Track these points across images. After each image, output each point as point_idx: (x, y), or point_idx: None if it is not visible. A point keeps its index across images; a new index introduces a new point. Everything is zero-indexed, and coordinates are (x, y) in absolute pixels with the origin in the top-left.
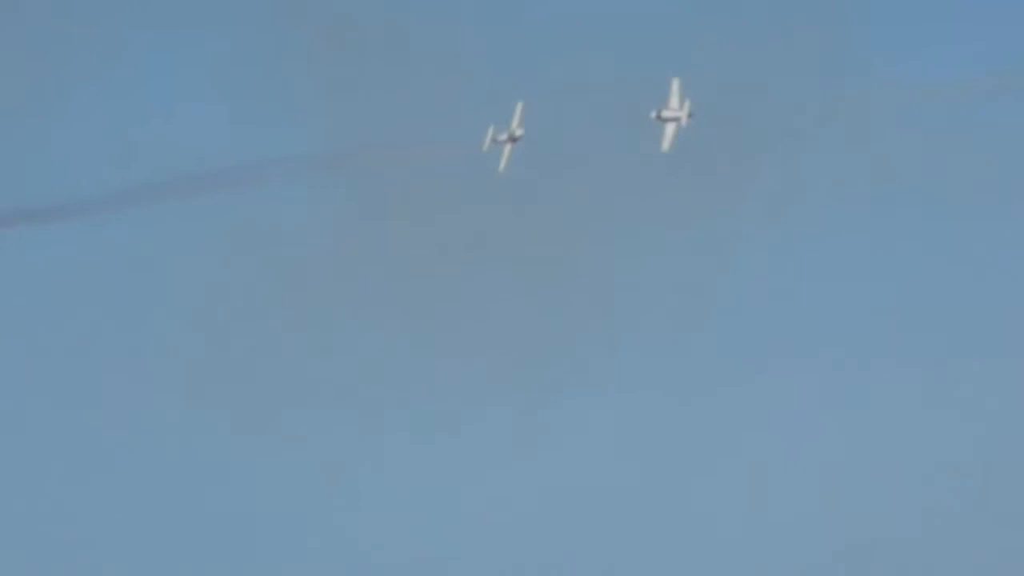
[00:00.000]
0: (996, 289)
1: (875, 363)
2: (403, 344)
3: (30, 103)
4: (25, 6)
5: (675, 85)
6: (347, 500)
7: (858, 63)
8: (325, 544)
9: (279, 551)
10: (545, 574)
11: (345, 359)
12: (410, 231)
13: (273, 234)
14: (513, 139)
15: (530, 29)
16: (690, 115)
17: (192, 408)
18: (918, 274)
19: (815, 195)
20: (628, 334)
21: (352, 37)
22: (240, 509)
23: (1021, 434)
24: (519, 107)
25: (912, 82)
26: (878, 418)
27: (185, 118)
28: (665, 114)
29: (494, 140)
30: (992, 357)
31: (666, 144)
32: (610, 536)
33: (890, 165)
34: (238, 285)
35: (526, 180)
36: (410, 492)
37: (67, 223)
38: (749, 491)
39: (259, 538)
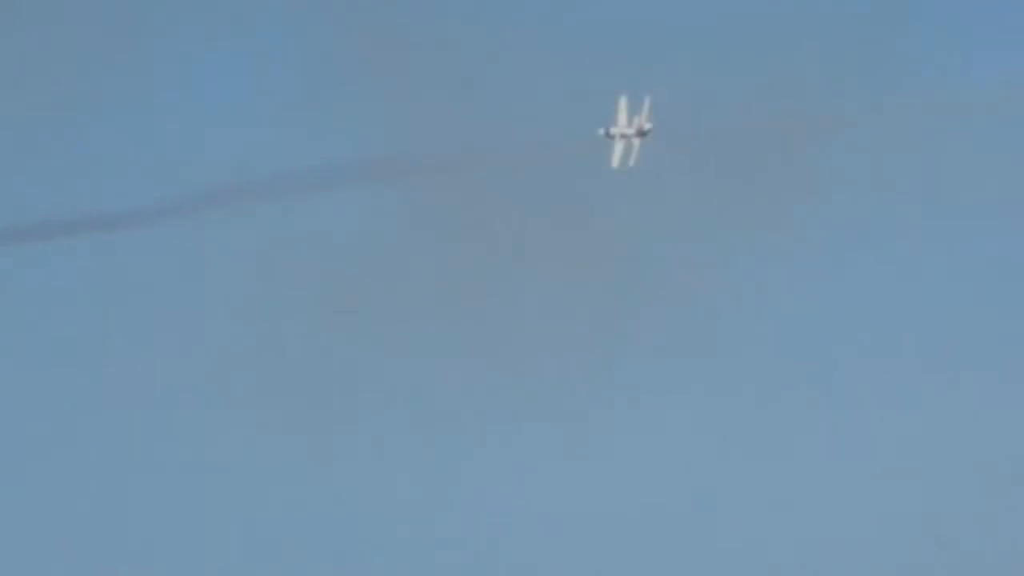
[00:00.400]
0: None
1: (913, 368)
2: (444, 352)
3: (80, 111)
4: (75, 14)
5: (623, 103)
6: (387, 509)
7: (868, 71)
8: (365, 555)
9: (317, 559)
10: None
11: (389, 367)
12: (456, 236)
13: (326, 241)
14: (642, 133)
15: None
16: (644, 133)
17: (233, 412)
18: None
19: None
20: (668, 341)
21: (398, 48)
22: (281, 517)
23: None
24: (647, 101)
25: (906, 94)
26: (913, 422)
27: (235, 125)
28: (613, 131)
29: (622, 135)
30: (991, 356)
31: (616, 161)
32: (649, 544)
33: (924, 168)
34: (292, 294)
35: (575, 187)
36: (450, 500)
37: (111, 233)
38: (789, 496)
39: (296, 547)
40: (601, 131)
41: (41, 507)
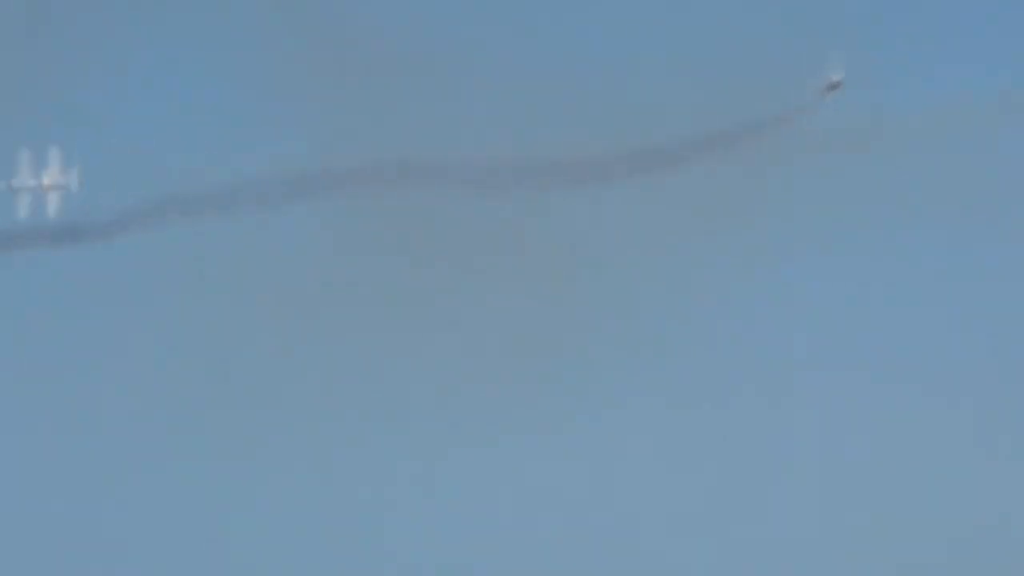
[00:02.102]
0: (997, 304)
1: (886, 375)
2: (406, 355)
3: (10, 121)
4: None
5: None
6: (356, 519)
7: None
8: (333, 565)
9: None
10: None
11: (351, 375)
12: (416, 242)
13: (284, 253)
14: (834, 87)
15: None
16: (835, 86)
17: (183, 428)
18: (939, 291)
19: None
20: (641, 344)
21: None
22: (251, 529)
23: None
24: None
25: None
26: (890, 430)
27: (177, 134)
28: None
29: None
30: (992, 367)
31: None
32: (620, 548)
33: (909, 181)
34: (248, 302)
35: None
36: (421, 507)
37: (50, 247)
38: (764, 498)
39: (270, 554)
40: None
41: None
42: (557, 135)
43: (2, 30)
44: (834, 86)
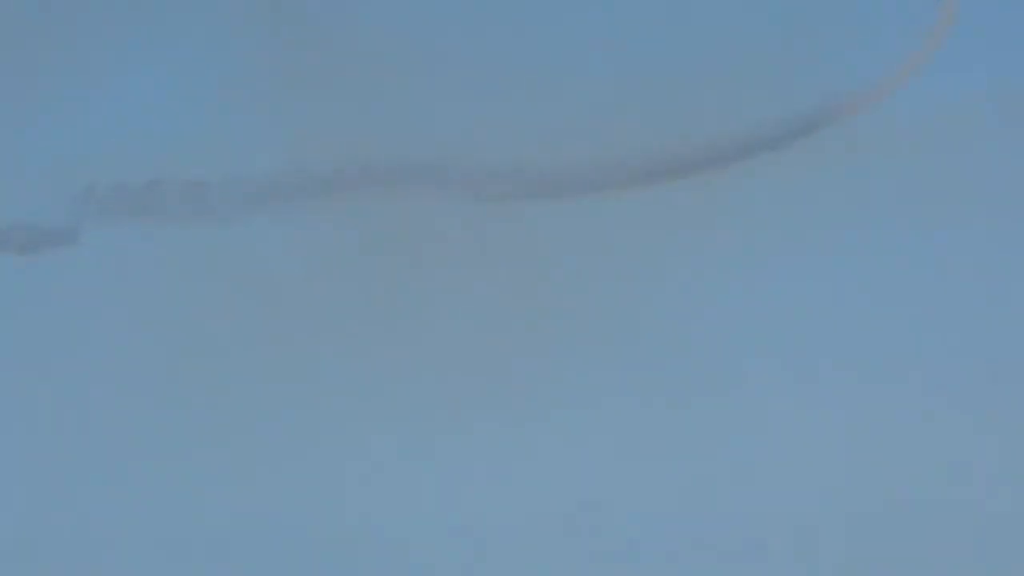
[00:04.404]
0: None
1: (861, 374)
2: (391, 359)
3: None
4: None
5: None
6: (333, 515)
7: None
8: (306, 566)
9: (261, 566)
10: None
11: (328, 376)
12: (396, 244)
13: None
14: None
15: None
16: None
17: (165, 430)
18: (912, 282)
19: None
20: (616, 342)
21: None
22: (227, 523)
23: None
24: None
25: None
26: (863, 427)
27: (163, 126)
28: None
29: None
30: (969, 366)
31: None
32: (597, 548)
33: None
34: (234, 305)
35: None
36: (397, 502)
37: (27, 252)
38: (738, 497)
39: (241, 553)
40: None
41: None
42: (556, 142)
43: None
44: None
